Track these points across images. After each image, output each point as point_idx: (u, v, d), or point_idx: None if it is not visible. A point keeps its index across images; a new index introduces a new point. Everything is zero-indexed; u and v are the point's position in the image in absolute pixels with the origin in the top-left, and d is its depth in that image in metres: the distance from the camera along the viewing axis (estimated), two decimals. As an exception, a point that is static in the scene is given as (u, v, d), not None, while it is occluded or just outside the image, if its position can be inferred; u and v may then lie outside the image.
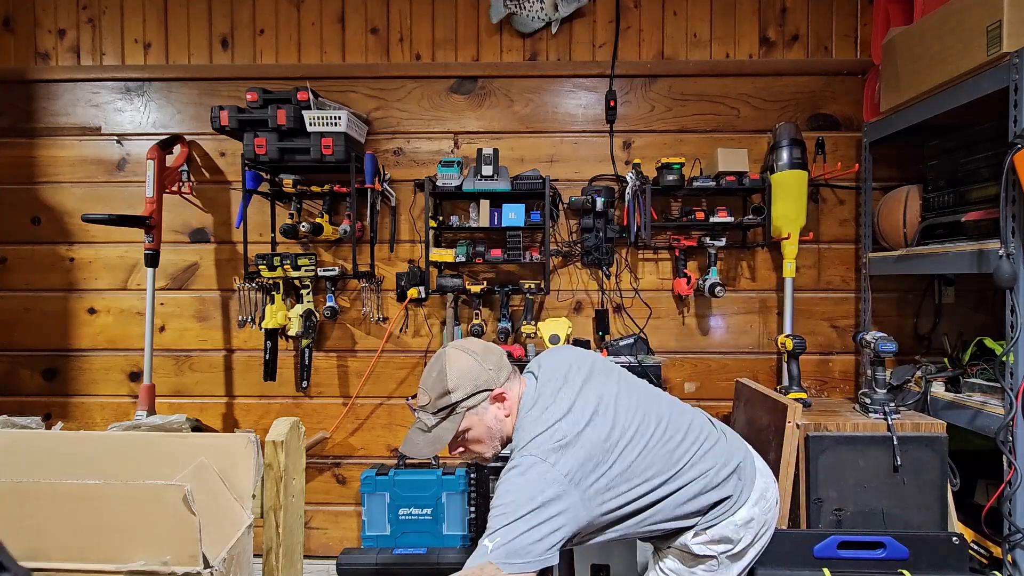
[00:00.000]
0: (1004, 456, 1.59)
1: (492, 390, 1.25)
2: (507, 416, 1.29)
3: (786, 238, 2.25)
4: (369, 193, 2.41)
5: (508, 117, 2.50)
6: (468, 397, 1.23)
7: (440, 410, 1.24)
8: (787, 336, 2.03)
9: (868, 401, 1.86)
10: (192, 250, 2.54)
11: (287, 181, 2.33)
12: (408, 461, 2.41)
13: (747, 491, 1.35)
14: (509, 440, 1.30)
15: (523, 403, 1.29)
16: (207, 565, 0.99)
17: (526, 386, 1.32)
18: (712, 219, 2.26)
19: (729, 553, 1.34)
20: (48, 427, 1.32)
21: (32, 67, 2.53)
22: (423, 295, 2.43)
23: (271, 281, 2.37)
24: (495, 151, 2.30)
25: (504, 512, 1.11)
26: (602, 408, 1.25)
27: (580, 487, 1.16)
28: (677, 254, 2.40)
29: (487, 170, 2.28)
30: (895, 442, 1.74)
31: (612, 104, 2.43)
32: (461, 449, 1.31)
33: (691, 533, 1.34)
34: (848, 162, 2.37)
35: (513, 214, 2.30)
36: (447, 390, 1.23)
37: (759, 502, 1.37)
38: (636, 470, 1.23)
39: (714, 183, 2.26)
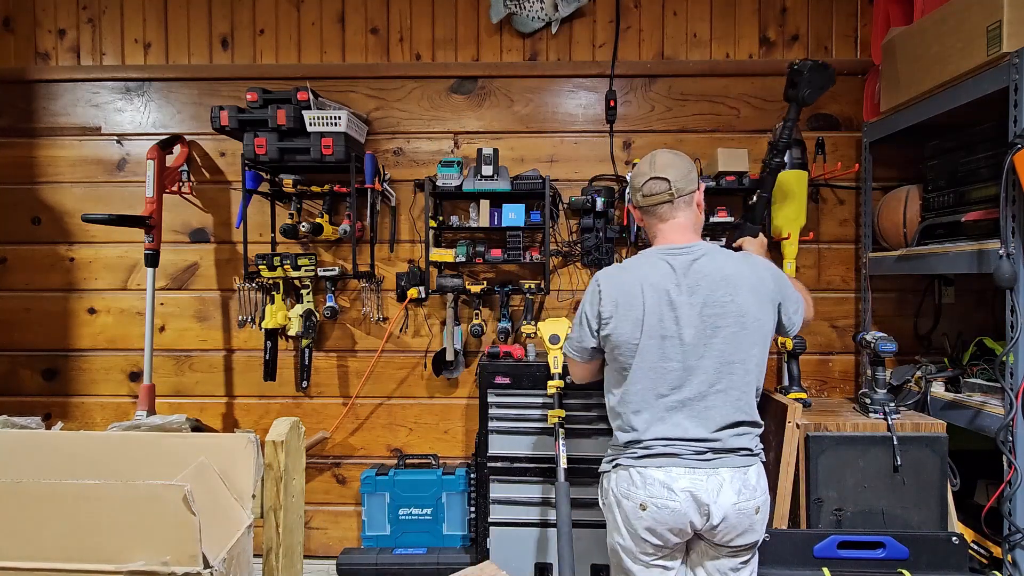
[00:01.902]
0: (1004, 456, 1.59)
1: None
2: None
3: (786, 238, 2.25)
4: (369, 193, 2.41)
5: (508, 117, 2.49)
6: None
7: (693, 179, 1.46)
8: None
9: (868, 401, 1.86)
10: (192, 250, 2.54)
11: (287, 181, 2.33)
12: (408, 461, 2.41)
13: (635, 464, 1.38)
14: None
15: None
16: (207, 565, 0.99)
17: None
18: (712, 219, 2.25)
19: (605, 505, 1.48)
20: (48, 427, 1.32)
21: (32, 67, 2.53)
22: (423, 295, 2.43)
23: (271, 281, 2.38)
24: (495, 151, 2.30)
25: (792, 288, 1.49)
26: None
27: None
28: (677, 254, 2.39)
29: (487, 170, 2.28)
30: (895, 442, 1.74)
31: (612, 104, 2.43)
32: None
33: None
34: (848, 162, 2.36)
35: (513, 214, 2.30)
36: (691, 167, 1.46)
37: (632, 490, 1.37)
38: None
39: (714, 183, 2.25)
